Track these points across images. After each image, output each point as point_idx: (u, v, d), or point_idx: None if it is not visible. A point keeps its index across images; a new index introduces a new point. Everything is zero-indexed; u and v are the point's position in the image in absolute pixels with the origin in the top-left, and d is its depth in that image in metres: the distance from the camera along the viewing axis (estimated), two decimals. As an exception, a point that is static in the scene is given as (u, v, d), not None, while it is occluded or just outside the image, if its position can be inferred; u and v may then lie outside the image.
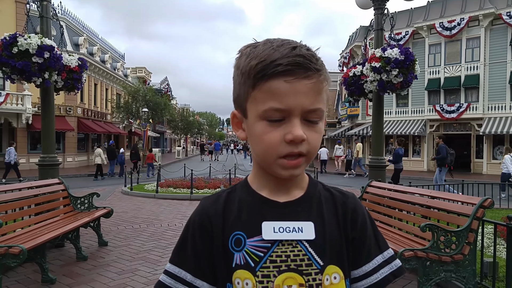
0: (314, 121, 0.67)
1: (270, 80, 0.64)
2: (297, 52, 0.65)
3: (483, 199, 3.26)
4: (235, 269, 0.69)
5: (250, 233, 0.70)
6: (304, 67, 0.64)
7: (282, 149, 0.66)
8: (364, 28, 26.14)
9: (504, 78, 21.64)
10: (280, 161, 0.67)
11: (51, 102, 5.71)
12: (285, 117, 0.65)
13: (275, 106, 0.64)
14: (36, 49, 4.77)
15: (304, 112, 0.65)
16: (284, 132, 0.65)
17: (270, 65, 0.64)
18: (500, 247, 4.66)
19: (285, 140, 0.65)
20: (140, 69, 43.71)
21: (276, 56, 0.64)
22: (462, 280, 3.24)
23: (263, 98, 0.65)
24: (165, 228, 6.65)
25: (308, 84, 0.65)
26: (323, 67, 0.67)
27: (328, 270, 0.70)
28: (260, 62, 0.65)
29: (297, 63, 0.64)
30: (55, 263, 4.59)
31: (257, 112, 0.67)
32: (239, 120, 0.73)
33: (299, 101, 0.64)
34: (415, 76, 5.49)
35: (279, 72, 0.64)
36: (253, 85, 0.66)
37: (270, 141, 0.66)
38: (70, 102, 23.81)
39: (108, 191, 11.79)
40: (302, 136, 0.65)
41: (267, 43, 0.68)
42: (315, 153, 0.70)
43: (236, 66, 0.71)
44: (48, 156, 5.65)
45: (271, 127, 0.66)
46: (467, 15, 22.33)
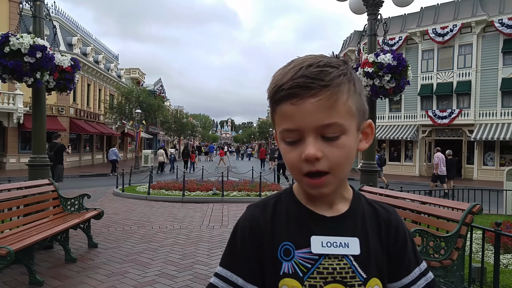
0: (332, 137, 0.67)
1: (280, 104, 0.69)
2: (302, 73, 0.67)
3: (472, 205, 3.30)
4: (282, 277, 0.72)
5: (299, 244, 0.73)
6: (306, 87, 0.66)
7: (302, 167, 0.68)
8: (358, 33, 26.36)
9: (496, 85, 21.95)
10: (304, 179, 0.70)
11: (42, 102, 5.65)
12: (299, 137, 0.68)
13: (286, 127, 0.69)
14: (28, 49, 4.74)
15: (318, 129, 0.67)
16: (301, 151, 0.68)
17: (278, 90, 0.68)
18: (488, 252, 4.71)
19: (302, 158, 0.68)
20: (134, 70, 43.51)
21: (283, 81, 0.68)
22: (451, 285, 3.26)
23: (279, 121, 0.71)
24: (156, 230, 6.61)
25: (315, 102, 0.66)
26: (335, 81, 0.67)
27: (370, 283, 0.73)
28: (272, 88, 0.70)
29: (298, 85, 0.66)
30: (43, 265, 4.53)
31: (278, 134, 0.72)
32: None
33: (308, 120, 0.66)
34: (408, 81, 5.54)
35: (283, 96, 0.67)
36: (272, 110, 0.72)
37: (290, 161, 0.70)
38: (63, 102, 23.60)
39: (99, 192, 11.68)
40: (315, 155, 0.66)
41: (286, 65, 0.72)
42: (342, 169, 0.69)
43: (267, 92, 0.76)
44: (38, 156, 5.59)
45: (290, 148, 0.70)
46: (459, 21, 22.63)
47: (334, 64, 0.69)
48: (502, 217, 7.59)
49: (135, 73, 43.27)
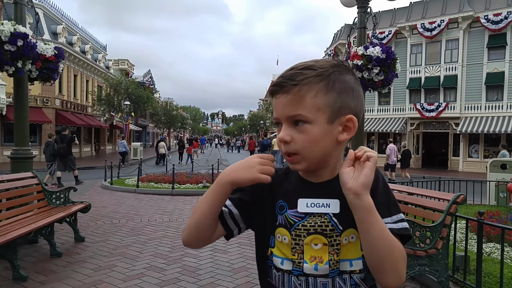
0: (298, 123, 0.84)
1: (272, 98, 0.90)
2: (282, 74, 0.87)
3: (456, 196, 3.36)
4: (278, 227, 0.92)
5: (291, 205, 0.91)
6: (281, 85, 0.85)
7: (281, 147, 0.87)
8: (348, 26, 26.36)
9: (481, 79, 22.35)
10: (284, 156, 0.89)
11: (24, 92, 5.49)
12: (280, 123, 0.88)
13: (274, 116, 0.90)
14: (9, 37, 4.59)
15: (288, 118, 0.85)
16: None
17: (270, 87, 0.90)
18: (472, 241, 4.81)
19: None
20: (122, 61, 42.80)
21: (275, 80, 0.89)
22: (435, 273, 3.33)
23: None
24: (145, 223, 6.55)
25: (286, 97, 0.84)
26: (303, 81, 0.83)
27: (346, 233, 0.87)
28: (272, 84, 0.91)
29: (277, 83, 0.87)
30: (27, 259, 4.44)
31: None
32: None
33: (281, 111, 0.86)
34: (396, 74, 5.57)
35: (271, 92, 0.89)
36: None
37: (277, 142, 0.89)
38: (48, 93, 23.08)
39: (87, 185, 11.53)
40: (283, 138, 0.85)
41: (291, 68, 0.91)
42: (310, 151, 0.85)
43: None
44: (21, 148, 5.44)
45: (278, 132, 0.89)
46: (447, 17, 22.89)
47: (316, 67, 0.85)
48: (486, 207, 7.78)
49: (124, 64, 42.57)
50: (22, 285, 3.68)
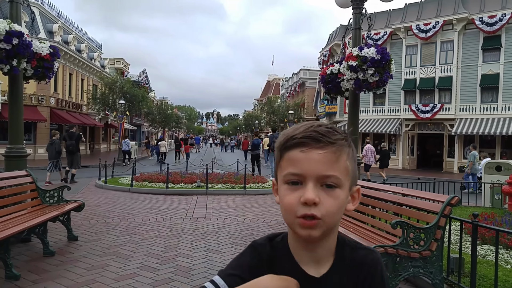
0: (330, 186, 0.76)
1: (290, 150, 0.78)
2: (313, 128, 0.78)
3: (450, 197, 3.37)
4: None
5: None
6: (316, 139, 0.76)
7: (298, 210, 0.75)
8: (343, 27, 26.47)
9: (475, 81, 22.51)
10: (298, 220, 0.75)
11: (19, 91, 5.47)
12: (302, 181, 0.75)
13: (292, 171, 0.76)
14: (4, 35, 4.58)
15: (319, 178, 0.75)
16: (300, 195, 0.75)
17: (290, 139, 0.78)
18: (467, 243, 4.84)
19: (301, 201, 0.74)
20: (118, 60, 42.56)
21: (295, 133, 0.79)
22: (430, 275, 3.34)
23: (285, 165, 0.78)
24: (139, 222, 6.52)
25: (321, 153, 0.75)
26: (339, 142, 0.77)
27: None
28: (284, 138, 0.80)
29: (309, 136, 0.77)
30: (20, 258, 4.40)
31: (281, 177, 0.79)
32: (276, 187, 0.83)
33: (313, 167, 0.75)
34: (391, 75, 5.59)
35: (295, 143, 0.77)
36: (280, 156, 0.80)
37: (289, 202, 0.76)
38: (43, 91, 22.91)
39: (81, 184, 11.45)
40: (314, 199, 0.73)
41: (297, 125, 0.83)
42: (333, 218, 0.76)
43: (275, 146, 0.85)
44: (15, 147, 5.41)
45: (290, 190, 0.76)
46: (442, 18, 23.03)
47: (338, 131, 0.80)
48: (480, 209, 7.81)
49: (119, 63, 42.33)
50: (15, 284, 3.65)
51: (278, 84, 60.80)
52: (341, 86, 5.89)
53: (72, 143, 11.81)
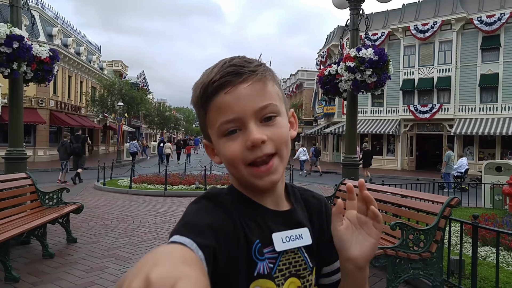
0: (270, 117, 0.68)
1: (213, 98, 0.67)
2: (228, 64, 0.68)
3: (450, 198, 3.36)
4: (256, 278, 0.67)
5: (264, 243, 0.69)
6: (237, 73, 0.66)
7: (247, 156, 0.66)
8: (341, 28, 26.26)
9: (474, 81, 22.52)
10: (250, 170, 0.67)
11: (19, 94, 5.49)
12: (240, 126, 0.67)
13: (225, 119, 0.66)
14: (4, 39, 4.63)
15: (255, 114, 0.66)
16: (243, 141, 0.66)
17: (208, 85, 0.67)
18: (467, 245, 4.82)
19: (247, 147, 0.66)
20: (116, 62, 42.53)
21: (211, 76, 0.67)
22: (430, 277, 3.33)
23: (214, 117, 0.68)
24: (137, 224, 6.51)
25: (247, 87, 0.66)
26: (259, 67, 0.68)
27: (314, 271, 0.76)
28: (201, 87, 0.68)
29: (228, 73, 0.66)
30: (19, 260, 4.40)
31: (215, 132, 0.69)
32: (211, 148, 0.74)
33: (245, 105, 0.66)
34: (389, 76, 5.60)
35: (216, 87, 0.66)
36: (204, 111, 0.69)
37: (232, 152, 0.67)
38: (42, 94, 22.88)
39: (80, 186, 11.43)
40: (261, 138, 0.65)
41: (208, 69, 0.71)
42: (285, 149, 0.69)
43: (192, 103, 0.73)
44: (15, 149, 5.42)
45: (230, 141, 0.67)
46: (440, 18, 23.04)
47: (252, 59, 0.71)
48: (481, 210, 7.80)
49: (118, 65, 42.30)
50: (14, 286, 3.65)
51: (277, 85, 60.75)
52: (339, 87, 5.89)
53: (78, 146, 12.21)
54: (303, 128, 38.15)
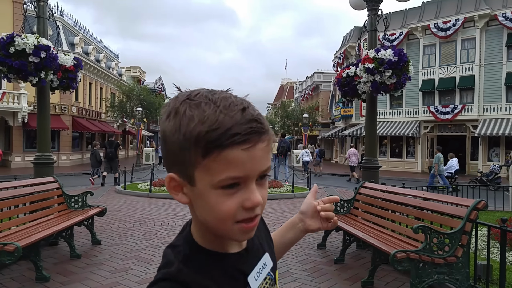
0: (264, 177, 0.65)
1: (226, 150, 0.59)
2: (249, 116, 0.62)
3: (477, 201, 3.27)
4: None
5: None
6: (259, 132, 0.62)
7: (239, 215, 0.62)
8: (358, 29, 26.21)
9: (500, 80, 21.78)
10: (237, 226, 0.63)
11: (46, 101, 5.71)
12: (241, 183, 0.62)
13: (233, 175, 0.60)
14: (33, 49, 4.83)
15: (259, 174, 0.64)
16: (241, 199, 0.62)
17: (225, 134, 0.59)
18: (494, 249, 4.69)
19: (244, 207, 0.62)
20: (134, 68, 43.48)
21: (230, 124, 0.60)
22: (456, 282, 3.25)
23: (219, 168, 0.60)
24: (158, 227, 6.63)
25: (263, 147, 0.62)
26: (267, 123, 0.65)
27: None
28: (213, 130, 0.59)
29: (253, 131, 0.61)
30: (49, 261, 4.57)
31: (211, 182, 0.61)
32: (178, 184, 0.65)
33: (256, 166, 0.62)
34: (409, 77, 5.52)
35: (236, 142, 0.59)
36: (203, 154, 0.60)
37: (227, 210, 0.61)
38: (65, 101, 23.67)
39: (102, 190, 11.72)
40: (260, 202, 0.63)
41: (209, 103, 0.62)
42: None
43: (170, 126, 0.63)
44: (43, 154, 5.65)
45: (226, 196, 0.61)
46: (462, 16, 22.43)
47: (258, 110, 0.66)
48: (508, 214, 7.53)
49: (136, 71, 43.23)
50: (45, 285, 3.79)
51: (291, 88, 60.63)
52: (357, 88, 5.85)
53: (112, 151, 13.22)
54: (320, 131, 37.85)
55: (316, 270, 4.45)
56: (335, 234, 5.68)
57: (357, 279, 4.12)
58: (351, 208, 5.42)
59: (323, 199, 0.89)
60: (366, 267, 4.41)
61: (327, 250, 5.32)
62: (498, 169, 14.95)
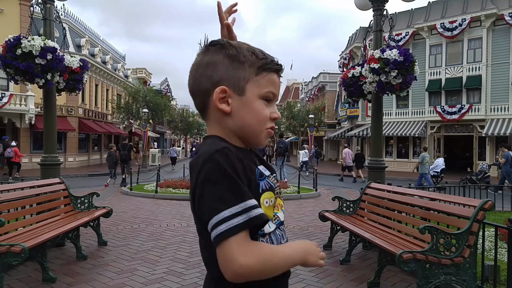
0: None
1: (271, 73, 0.95)
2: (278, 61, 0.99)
3: (483, 202, 3.24)
4: (262, 193, 0.94)
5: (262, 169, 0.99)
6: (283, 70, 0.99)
7: (268, 123, 0.97)
8: (363, 29, 26.05)
9: (507, 79, 21.56)
10: (265, 130, 0.96)
11: (53, 103, 5.75)
12: (272, 99, 0.97)
13: (273, 91, 0.96)
14: (39, 51, 4.84)
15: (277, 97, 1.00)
16: (271, 111, 0.97)
17: (271, 63, 0.95)
18: (502, 250, 4.64)
19: (271, 117, 0.97)
20: (140, 70, 43.72)
21: (272, 58, 0.97)
22: (463, 283, 3.22)
23: (266, 84, 0.94)
24: (164, 228, 6.65)
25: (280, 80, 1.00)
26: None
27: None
28: (263, 58, 0.95)
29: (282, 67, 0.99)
30: (55, 262, 4.59)
31: (259, 92, 0.94)
32: (225, 96, 0.92)
33: (279, 91, 0.99)
34: (415, 77, 5.48)
35: (277, 70, 0.96)
36: (256, 73, 0.93)
37: (265, 114, 0.95)
38: (72, 102, 23.85)
39: (108, 191, 11.80)
40: (280, 116, 1.01)
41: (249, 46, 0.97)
42: None
43: (227, 54, 0.93)
44: (49, 156, 5.68)
45: (265, 105, 0.95)
46: (468, 15, 22.27)
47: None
48: (514, 214, 7.49)
49: (142, 73, 43.47)
50: (51, 286, 3.81)
51: (297, 89, 60.55)
52: (363, 89, 5.82)
53: (125, 153, 13.90)
54: (326, 131, 37.74)
55: (322, 271, 4.43)
56: (341, 235, 5.65)
57: (363, 280, 4.09)
58: (357, 209, 5.39)
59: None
60: (372, 268, 4.38)
61: (333, 251, 5.30)
62: (487, 168, 15.00)
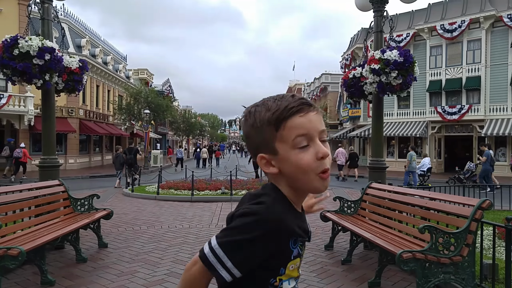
0: (325, 140, 0.92)
1: (289, 119, 0.88)
2: (298, 97, 0.92)
3: (482, 201, 3.25)
4: (293, 259, 0.92)
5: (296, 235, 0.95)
6: (308, 104, 0.91)
7: (317, 166, 0.88)
8: (365, 30, 26.11)
9: (506, 80, 21.61)
10: (319, 176, 0.89)
11: (51, 104, 5.72)
12: (309, 142, 0.88)
13: (299, 133, 0.87)
14: (37, 51, 4.79)
15: (319, 133, 0.90)
16: (314, 152, 0.88)
17: (285, 110, 0.88)
18: (500, 248, 4.64)
19: (317, 158, 0.88)
20: (142, 70, 43.73)
21: (286, 103, 0.90)
22: (461, 282, 3.23)
23: (289, 134, 0.88)
24: (166, 230, 6.65)
25: (314, 114, 0.90)
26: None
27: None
28: (276, 111, 0.89)
29: (303, 103, 0.90)
30: (54, 265, 4.59)
31: (287, 144, 0.88)
32: (267, 160, 0.92)
33: (314, 126, 0.89)
34: (415, 78, 5.48)
35: (294, 112, 0.88)
36: (276, 128, 0.88)
37: (306, 162, 0.87)
38: (72, 103, 23.86)
39: (109, 193, 11.80)
40: (329, 153, 0.89)
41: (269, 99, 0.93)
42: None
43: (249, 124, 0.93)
44: (48, 157, 5.65)
45: (302, 153, 0.87)
46: (468, 17, 22.34)
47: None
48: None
49: (143, 73, 43.48)
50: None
51: (299, 90, 60.55)
52: (364, 89, 5.82)
53: (131, 157, 14.03)
54: (328, 132, 37.73)
55: (323, 271, 4.42)
56: (343, 235, 5.65)
57: (364, 280, 4.09)
58: (358, 209, 5.39)
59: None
60: (373, 268, 4.38)
61: (335, 251, 5.30)
62: (473, 167, 15.21)
